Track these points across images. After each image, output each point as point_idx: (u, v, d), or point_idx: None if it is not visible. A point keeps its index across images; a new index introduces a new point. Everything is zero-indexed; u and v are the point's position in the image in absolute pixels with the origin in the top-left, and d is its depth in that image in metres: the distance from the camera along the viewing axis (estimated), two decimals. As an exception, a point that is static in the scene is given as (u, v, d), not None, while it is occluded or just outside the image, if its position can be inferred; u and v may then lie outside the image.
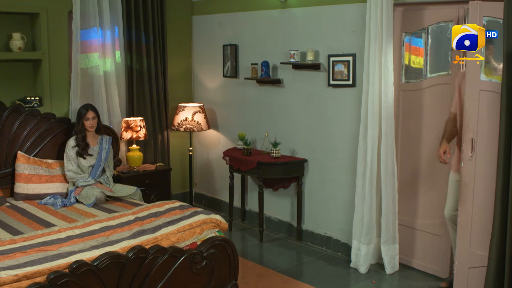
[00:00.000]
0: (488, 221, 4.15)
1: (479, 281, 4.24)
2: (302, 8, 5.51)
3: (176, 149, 6.78)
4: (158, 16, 6.26)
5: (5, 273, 3.13)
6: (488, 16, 4.09)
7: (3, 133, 5.12)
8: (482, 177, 4.21)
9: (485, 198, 4.20)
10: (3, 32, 5.36)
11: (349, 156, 5.20)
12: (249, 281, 4.74)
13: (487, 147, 4.17)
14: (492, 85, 4.14)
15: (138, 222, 4.09)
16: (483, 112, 4.16)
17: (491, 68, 4.22)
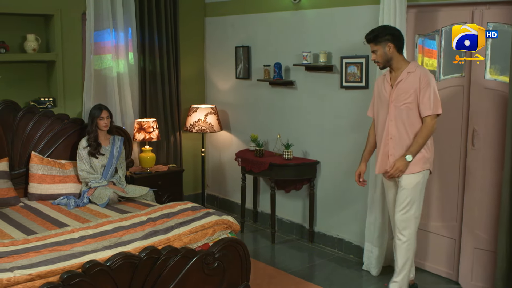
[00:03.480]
0: (489, 206, 4.50)
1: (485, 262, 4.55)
2: (314, 9, 5.51)
3: (188, 150, 6.80)
4: (171, 18, 6.28)
5: (19, 272, 3.16)
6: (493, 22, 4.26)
7: (18, 133, 5.15)
8: (484, 166, 4.50)
9: (487, 184, 4.49)
10: (17, 33, 5.40)
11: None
12: (261, 283, 4.74)
13: (488, 139, 4.45)
14: (496, 84, 4.39)
15: (150, 222, 4.11)
16: (487, 107, 4.43)
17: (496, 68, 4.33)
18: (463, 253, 4.69)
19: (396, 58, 4.25)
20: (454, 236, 4.77)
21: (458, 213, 4.72)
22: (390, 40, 4.20)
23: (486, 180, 4.50)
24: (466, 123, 4.58)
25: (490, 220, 4.50)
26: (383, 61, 4.28)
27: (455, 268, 4.80)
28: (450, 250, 4.82)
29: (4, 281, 3.07)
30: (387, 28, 4.27)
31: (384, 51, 4.23)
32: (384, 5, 4.65)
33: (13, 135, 5.14)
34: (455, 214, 4.75)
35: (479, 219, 4.56)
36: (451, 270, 4.83)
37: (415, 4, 4.71)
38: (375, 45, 4.25)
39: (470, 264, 4.64)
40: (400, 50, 4.26)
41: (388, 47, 4.21)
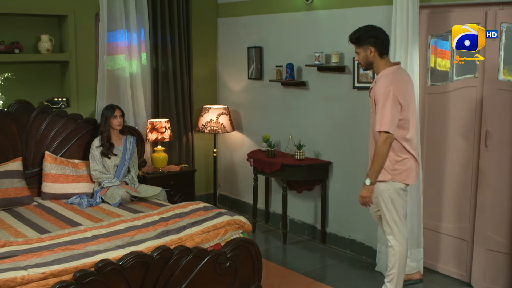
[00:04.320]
0: (502, 207, 4.48)
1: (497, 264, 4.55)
2: (327, 10, 5.51)
3: (200, 150, 6.82)
4: (184, 18, 6.30)
5: (32, 270, 3.18)
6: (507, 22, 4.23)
7: (31, 133, 5.19)
8: (497, 167, 4.47)
9: (500, 185, 4.47)
10: (32, 34, 5.45)
11: (374, 158, 5.18)
12: (272, 283, 4.74)
13: (502, 140, 4.44)
14: (509, 85, 4.36)
15: (162, 222, 4.12)
16: (499, 108, 4.41)
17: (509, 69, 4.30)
18: (476, 255, 4.66)
19: (376, 62, 4.15)
20: (466, 238, 4.75)
21: (471, 215, 4.70)
22: (372, 43, 4.10)
23: (499, 181, 4.48)
24: (479, 124, 4.56)
25: (503, 221, 4.48)
26: (364, 64, 4.22)
27: (467, 269, 4.77)
28: (463, 252, 4.80)
29: (18, 279, 3.10)
30: (371, 30, 4.16)
31: (365, 54, 4.15)
32: (397, 6, 4.64)
33: (27, 134, 5.18)
34: (467, 216, 4.73)
35: (491, 221, 4.54)
36: (463, 272, 4.81)
37: (427, 4, 4.69)
38: (357, 47, 4.19)
39: (483, 266, 4.62)
40: (382, 54, 4.14)
41: (369, 51, 4.13)
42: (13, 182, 4.85)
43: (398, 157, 4.15)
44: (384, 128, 3.99)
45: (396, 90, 4.02)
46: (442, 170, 4.88)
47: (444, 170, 4.87)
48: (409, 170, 4.19)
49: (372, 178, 4.10)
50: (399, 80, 4.10)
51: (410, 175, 4.20)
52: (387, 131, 3.99)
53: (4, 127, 5.03)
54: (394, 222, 4.23)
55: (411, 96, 4.21)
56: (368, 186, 4.12)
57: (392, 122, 3.99)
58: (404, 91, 4.09)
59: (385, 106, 3.99)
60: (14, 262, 3.31)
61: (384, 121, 3.99)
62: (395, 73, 4.12)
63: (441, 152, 4.87)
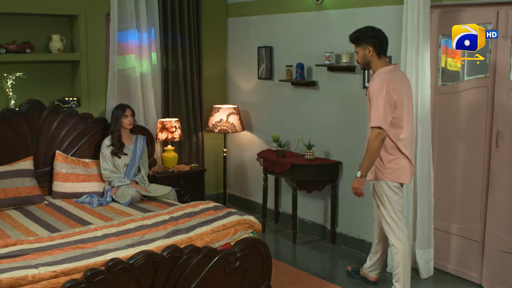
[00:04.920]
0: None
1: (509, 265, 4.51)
2: (337, 10, 5.50)
3: (210, 150, 6.82)
4: (194, 18, 6.32)
5: (43, 269, 3.20)
6: None
7: (42, 132, 5.22)
8: (508, 167, 4.44)
9: (511, 186, 4.45)
10: (43, 34, 5.48)
11: (384, 159, 5.17)
12: (282, 283, 4.74)
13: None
14: None
15: (172, 221, 4.13)
16: (510, 108, 4.38)
17: None
18: (487, 256, 4.64)
19: (374, 62, 4.25)
20: (477, 238, 4.73)
21: (482, 215, 4.68)
22: (370, 43, 4.21)
23: (510, 182, 4.45)
24: (490, 124, 4.53)
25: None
26: (363, 63, 4.32)
27: (478, 270, 4.75)
28: (473, 253, 4.77)
29: (29, 277, 3.11)
30: (370, 31, 4.27)
31: (364, 53, 4.26)
32: (408, 6, 4.62)
33: (38, 134, 5.20)
34: (478, 216, 4.70)
35: (503, 221, 4.51)
36: (474, 273, 4.79)
37: (439, 4, 4.67)
38: (357, 46, 4.30)
39: (494, 267, 4.59)
40: (380, 54, 4.24)
41: (367, 50, 4.23)
42: (24, 181, 4.87)
43: (390, 156, 4.24)
44: (376, 124, 4.09)
45: (390, 88, 4.10)
46: (453, 170, 4.86)
47: (454, 171, 4.85)
48: (402, 170, 4.26)
49: (363, 171, 4.24)
50: (393, 79, 4.17)
51: (403, 174, 4.28)
52: (379, 127, 4.08)
53: (15, 126, 5.06)
54: (391, 219, 4.31)
55: (407, 96, 4.26)
56: (359, 178, 4.26)
57: (385, 118, 4.08)
58: (398, 90, 4.15)
59: (378, 102, 4.09)
60: (25, 261, 3.32)
61: (376, 117, 4.09)
62: (390, 72, 4.20)
63: (452, 152, 4.85)
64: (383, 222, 4.38)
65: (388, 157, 4.24)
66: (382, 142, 4.13)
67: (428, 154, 4.72)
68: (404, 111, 4.20)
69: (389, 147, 4.22)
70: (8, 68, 5.27)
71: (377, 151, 4.15)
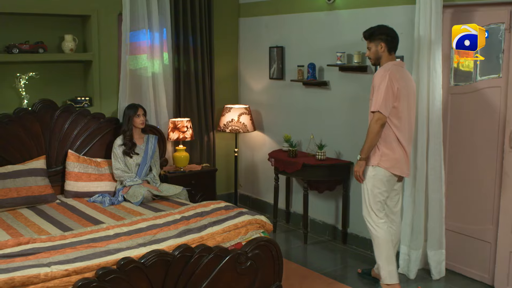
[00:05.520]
0: None
1: None
2: (349, 10, 5.49)
3: (221, 150, 6.83)
4: (206, 18, 6.32)
5: (55, 267, 3.22)
6: None
7: (55, 132, 5.25)
8: None
9: None
10: (55, 34, 5.51)
11: (396, 159, 5.15)
12: (293, 283, 4.74)
13: None
14: None
15: (184, 221, 4.14)
16: None
17: None
18: (499, 257, 4.61)
19: (384, 57, 4.46)
20: (489, 240, 4.70)
21: (494, 216, 4.65)
22: (383, 40, 4.42)
23: (524, 183, 4.43)
24: (503, 125, 4.50)
25: (527, 223, 4.43)
26: (374, 58, 4.52)
27: (490, 272, 4.72)
28: (486, 254, 4.74)
29: (41, 275, 3.13)
30: (384, 28, 4.48)
31: (376, 49, 4.47)
32: (420, 5, 4.61)
33: (51, 133, 5.23)
34: (491, 217, 4.68)
35: (516, 223, 4.49)
36: (487, 274, 4.76)
37: (451, 4, 4.65)
38: (370, 42, 4.50)
39: (506, 268, 4.56)
40: (390, 51, 4.45)
41: (380, 46, 4.44)
42: (37, 180, 4.90)
43: (387, 143, 4.40)
44: (376, 108, 4.30)
45: (393, 77, 4.29)
46: (465, 170, 4.84)
47: (467, 171, 4.83)
48: (396, 160, 4.42)
49: (363, 155, 4.44)
50: (397, 71, 4.37)
51: (396, 165, 4.43)
52: (379, 111, 4.28)
53: (28, 126, 5.10)
54: (372, 209, 4.52)
55: (409, 92, 4.42)
56: (358, 161, 4.48)
57: (384, 103, 4.27)
58: (400, 81, 4.33)
59: (380, 88, 4.30)
60: (37, 259, 3.35)
61: (377, 102, 4.30)
62: (395, 65, 4.42)
63: (464, 153, 4.83)
64: (363, 206, 4.58)
65: (385, 144, 4.40)
66: (382, 127, 4.32)
67: (440, 154, 4.69)
68: (404, 104, 4.36)
69: (388, 135, 4.39)
70: (21, 68, 5.31)
71: (377, 135, 4.34)
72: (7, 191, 4.70)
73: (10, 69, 5.28)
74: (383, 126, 4.32)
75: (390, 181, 4.48)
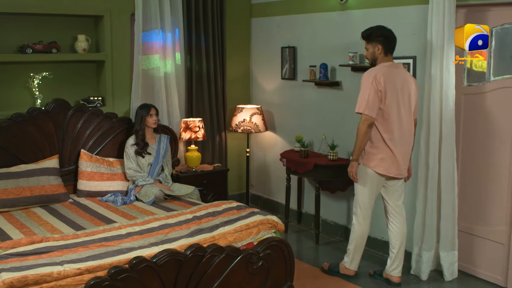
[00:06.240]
0: None
1: None
2: (361, 10, 5.47)
3: (233, 150, 6.84)
4: (218, 19, 6.33)
5: (68, 266, 3.24)
6: None
7: (68, 131, 5.28)
8: None
9: None
10: (69, 34, 5.53)
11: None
12: (304, 283, 4.74)
13: None
14: None
15: (196, 221, 4.15)
16: None
17: None
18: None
19: (380, 59, 4.55)
20: (503, 241, 4.67)
21: (508, 217, 4.62)
22: (380, 42, 4.51)
23: (537, 184, 4.40)
24: (517, 125, 4.48)
25: (541, 225, 4.40)
26: (371, 59, 4.63)
27: (503, 273, 4.69)
28: (499, 255, 4.72)
29: (54, 274, 3.15)
30: (382, 30, 4.55)
31: (373, 50, 4.56)
32: (433, 5, 4.58)
33: (64, 133, 5.26)
34: (504, 218, 4.65)
35: (529, 224, 4.46)
36: (500, 276, 4.73)
37: (465, 4, 4.63)
38: (368, 43, 4.60)
39: (520, 270, 4.54)
40: (387, 52, 4.53)
41: (377, 48, 4.53)
42: (50, 179, 4.94)
43: (373, 143, 4.54)
44: (361, 110, 4.45)
45: (379, 78, 4.39)
46: (478, 171, 4.81)
47: (480, 172, 4.80)
48: (381, 160, 4.54)
49: (354, 155, 4.61)
50: (387, 73, 4.45)
51: (380, 164, 4.55)
52: (365, 113, 4.41)
53: (41, 125, 5.13)
54: (358, 204, 4.72)
55: (402, 93, 4.49)
56: (351, 162, 4.66)
57: (369, 105, 4.40)
58: (389, 83, 4.41)
59: (364, 90, 4.43)
60: (50, 258, 3.37)
61: (361, 104, 4.44)
62: (387, 67, 4.50)
63: (477, 153, 4.80)
64: (354, 203, 4.76)
65: (370, 144, 4.54)
66: (369, 128, 4.45)
67: (452, 155, 4.67)
68: (393, 105, 4.44)
69: (374, 136, 4.51)
70: (34, 68, 5.34)
71: (365, 136, 4.48)
72: (21, 190, 4.74)
73: (24, 69, 5.31)
74: (371, 127, 4.45)
75: (375, 180, 4.60)
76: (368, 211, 4.73)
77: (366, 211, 4.72)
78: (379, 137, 4.49)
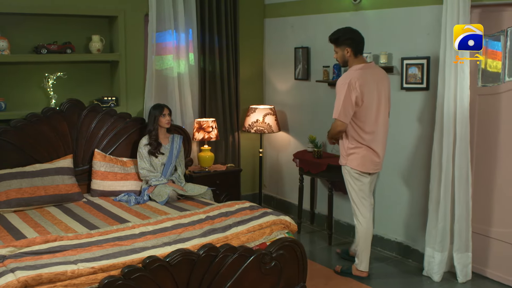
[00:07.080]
0: None
1: None
2: (375, 10, 5.46)
3: (246, 150, 6.84)
4: (231, 19, 6.34)
5: (82, 265, 3.26)
6: None
7: (82, 131, 5.31)
8: None
9: None
10: (83, 34, 5.57)
11: (422, 161, 5.11)
12: (317, 284, 4.73)
13: None
14: None
15: (209, 221, 4.16)
16: None
17: None
18: (527, 260, 4.56)
19: (351, 61, 4.67)
20: (517, 243, 4.65)
21: (522, 219, 4.59)
22: (348, 44, 4.61)
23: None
24: (532, 126, 4.45)
25: (556, 226, 4.36)
26: (341, 62, 4.75)
27: (518, 275, 4.67)
28: (513, 257, 4.69)
29: (68, 273, 3.17)
30: (349, 32, 4.66)
31: (342, 53, 4.67)
32: (448, 5, 4.56)
33: (78, 132, 5.30)
34: (518, 220, 4.62)
35: (544, 226, 4.43)
36: (514, 277, 4.71)
37: (479, 4, 4.60)
38: (336, 46, 4.71)
39: (534, 272, 4.51)
40: (356, 54, 4.65)
41: (346, 51, 4.64)
42: (64, 179, 4.97)
43: (351, 144, 4.69)
44: (336, 116, 4.58)
45: (353, 84, 4.50)
46: (493, 172, 4.78)
47: (494, 173, 4.77)
48: (362, 159, 4.68)
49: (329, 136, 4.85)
50: (361, 76, 4.55)
51: (362, 163, 4.69)
52: (339, 119, 4.56)
53: (56, 125, 5.16)
54: (354, 203, 4.83)
55: (379, 92, 4.64)
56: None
57: (344, 112, 4.53)
58: (364, 86, 4.53)
59: (339, 97, 4.54)
60: (64, 257, 3.39)
61: (336, 111, 4.57)
62: (361, 69, 4.60)
63: (492, 154, 4.77)
64: (351, 204, 4.88)
65: (349, 145, 4.70)
66: (340, 133, 4.67)
67: (466, 155, 4.64)
68: (371, 107, 4.59)
69: (352, 135, 4.66)
70: (49, 68, 5.38)
71: (337, 135, 4.71)
72: (35, 189, 4.77)
73: (39, 69, 5.35)
74: (342, 132, 4.64)
75: (361, 178, 4.75)
76: (364, 209, 4.81)
77: (363, 209, 4.81)
78: (360, 137, 4.64)
